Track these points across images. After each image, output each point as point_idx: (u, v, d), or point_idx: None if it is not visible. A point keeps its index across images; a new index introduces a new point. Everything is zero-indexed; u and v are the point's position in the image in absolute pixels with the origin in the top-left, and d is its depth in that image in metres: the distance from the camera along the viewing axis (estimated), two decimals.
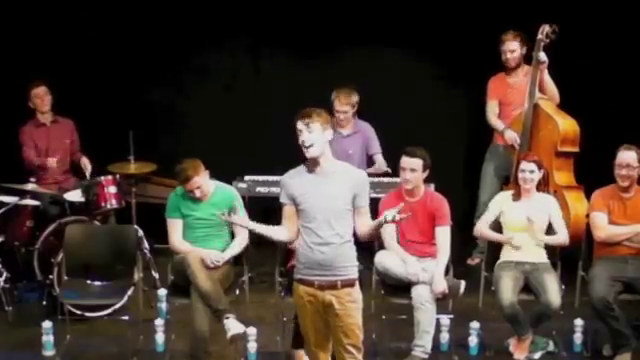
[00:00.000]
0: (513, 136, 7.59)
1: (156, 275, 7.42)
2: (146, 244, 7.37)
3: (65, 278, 6.76)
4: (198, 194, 6.51)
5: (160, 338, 6.68)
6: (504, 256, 6.65)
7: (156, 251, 7.48)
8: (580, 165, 7.48)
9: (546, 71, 7.47)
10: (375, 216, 5.52)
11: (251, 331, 6.46)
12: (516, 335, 6.53)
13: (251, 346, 6.49)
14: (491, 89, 7.92)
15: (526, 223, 6.54)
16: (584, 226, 6.81)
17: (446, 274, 6.45)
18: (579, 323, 6.64)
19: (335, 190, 5.17)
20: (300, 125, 5.14)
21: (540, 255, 6.61)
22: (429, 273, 6.35)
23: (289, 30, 8.69)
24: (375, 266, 6.50)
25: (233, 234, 6.60)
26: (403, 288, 6.42)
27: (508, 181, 7.55)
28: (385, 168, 7.60)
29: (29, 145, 7.80)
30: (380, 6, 8.64)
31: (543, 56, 7.39)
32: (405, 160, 6.42)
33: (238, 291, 6.63)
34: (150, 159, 7.84)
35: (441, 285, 6.31)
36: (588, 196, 6.81)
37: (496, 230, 6.73)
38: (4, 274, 7.19)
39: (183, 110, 8.85)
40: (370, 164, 7.74)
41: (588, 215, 6.68)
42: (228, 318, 6.24)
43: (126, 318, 6.67)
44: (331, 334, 5.27)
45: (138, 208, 7.77)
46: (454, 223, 6.57)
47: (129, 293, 6.85)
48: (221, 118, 8.69)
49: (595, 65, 8.32)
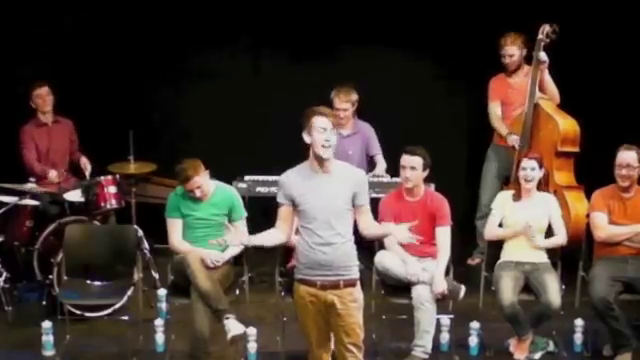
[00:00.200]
0: (515, 139, 7.57)
1: (156, 275, 7.41)
2: (146, 244, 7.36)
3: (65, 278, 6.76)
4: (198, 194, 6.51)
5: (160, 338, 6.67)
6: (504, 256, 6.65)
7: (156, 251, 7.47)
8: (580, 165, 7.48)
9: (546, 71, 7.47)
10: (375, 216, 5.52)
11: (251, 331, 6.46)
12: (516, 335, 6.52)
13: (251, 346, 6.48)
14: (492, 90, 7.91)
15: (525, 227, 6.54)
16: (584, 226, 6.81)
17: (446, 274, 6.45)
18: (579, 323, 6.64)
19: (335, 190, 5.17)
20: (326, 123, 5.12)
21: (540, 255, 6.60)
22: (429, 273, 6.35)
23: (289, 30, 8.68)
24: (375, 266, 6.50)
25: None
26: (403, 288, 6.42)
27: (508, 181, 7.54)
28: (384, 174, 7.57)
29: (29, 147, 7.79)
30: (380, 6, 8.63)
31: (543, 56, 7.38)
32: (405, 158, 6.42)
33: (238, 291, 6.62)
34: (150, 159, 7.84)
35: (441, 285, 6.31)
36: (588, 196, 6.80)
37: None
38: (4, 274, 7.18)
39: (183, 110, 8.84)
40: (371, 165, 7.73)
41: (588, 215, 6.68)
42: (228, 318, 6.23)
43: (126, 318, 6.67)
44: (332, 333, 5.27)
45: (138, 208, 7.77)
46: (454, 223, 6.56)
47: (129, 293, 6.86)
48: (221, 118, 8.67)
49: (595, 65, 8.32)
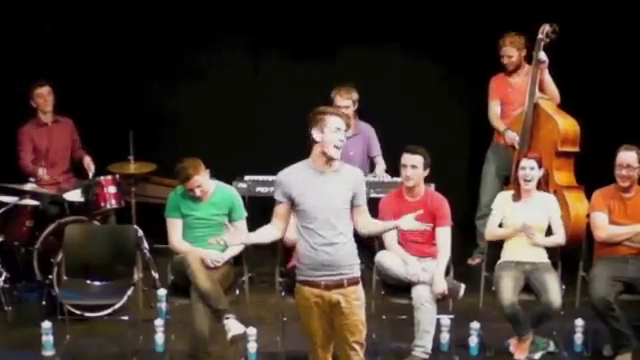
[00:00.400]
0: (513, 136, 7.59)
1: (156, 275, 7.40)
2: (146, 244, 7.35)
3: (65, 278, 6.76)
4: (198, 193, 6.50)
5: (160, 338, 6.67)
6: (504, 256, 6.64)
7: (156, 251, 7.46)
8: (580, 165, 7.48)
9: (546, 71, 7.47)
10: (375, 217, 5.51)
11: (251, 331, 6.45)
12: (516, 335, 6.52)
13: (251, 346, 6.47)
14: (492, 89, 7.91)
15: (523, 227, 6.54)
16: (584, 226, 6.80)
17: (447, 274, 6.44)
18: (580, 323, 6.63)
19: (334, 189, 5.16)
20: (340, 124, 5.13)
21: (541, 255, 6.60)
22: (429, 273, 6.34)
23: (289, 30, 8.67)
24: (375, 266, 6.49)
25: None
26: (403, 288, 6.41)
27: (509, 181, 7.53)
28: (383, 174, 7.56)
29: (26, 149, 7.77)
30: (380, 6, 8.63)
31: (543, 56, 7.38)
32: (406, 157, 6.43)
33: (238, 291, 6.62)
34: (150, 159, 7.85)
35: (441, 285, 6.30)
36: (588, 196, 6.80)
37: None
38: (4, 274, 7.18)
39: (183, 110, 8.83)
40: (372, 165, 7.72)
41: (589, 215, 6.67)
42: (228, 318, 6.23)
43: (126, 318, 6.66)
44: (335, 333, 5.26)
45: (138, 208, 7.78)
46: (455, 223, 6.56)
47: (129, 293, 6.85)
48: (221, 118, 8.67)
49: (595, 65, 8.31)
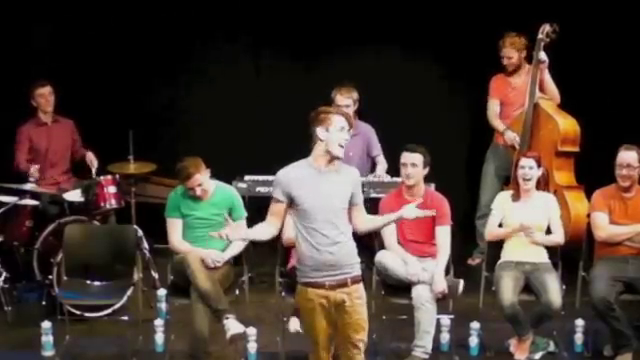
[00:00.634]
0: (513, 136, 7.59)
1: (156, 275, 7.39)
2: (146, 244, 7.34)
3: (64, 278, 6.75)
4: (199, 192, 6.49)
5: (160, 338, 6.67)
6: (505, 256, 6.64)
7: (156, 251, 7.45)
8: (581, 165, 7.47)
9: (546, 71, 7.46)
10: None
11: (251, 331, 6.45)
12: (517, 335, 6.51)
13: (251, 346, 6.47)
14: (492, 88, 7.91)
15: (521, 227, 6.54)
16: (585, 226, 6.80)
17: (447, 274, 6.44)
18: (580, 323, 6.63)
19: (335, 188, 5.16)
20: (345, 123, 5.15)
21: (541, 255, 6.60)
22: (429, 273, 6.34)
23: (289, 30, 8.67)
24: (375, 266, 6.49)
25: None
26: (403, 288, 6.41)
27: (509, 181, 7.52)
28: (384, 174, 7.56)
29: (22, 149, 7.76)
30: (380, 6, 8.63)
31: (543, 56, 7.38)
32: (406, 155, 6.44)
33: (238, 291, 6.62)
34: (150, 159, 7.85)
35: (441, 285, 6.30)
36: (589, 196, 6.80)
37: None
38: (3, 274, 7.17)
39: (183, 110, 8.84)
40: (373, 165, 7.71)
41: (589, 215, 6.67)
42: (228, 318, 6.22)
43: (126, 318, 6.66)
44: (337, 333, 5.24)
45: (138, 208, 7.77)
46: (455, 223, 6.56)
47: (128, 293, 6.85)
48: (221, 118, 8.67)
49: (595, 65, 8.31)
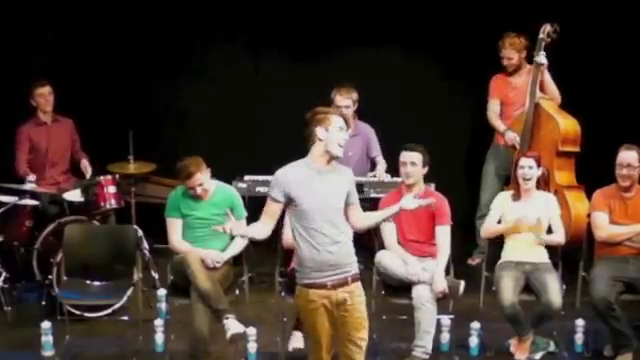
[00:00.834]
0: (513, 137, 7.58)
1: (155, 275, 7.38)
2: (145, 244, 7.34)
3: (64, 278, 6.75)
4: (199, 191, 6.48)
5: (160, 338, 6.66)
6: (505, 256, 6.63)
7: (156, 251, 7.45)
8: (581, 165, 7.47)
9: (547, 72, 7.46)
10: None
11: (251, 331, 6.44)
12: (517, 335, 6.51)
13: (251, 346, 6.46)
14: (493, 88, 7.90)
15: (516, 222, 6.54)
16: (585, 226, 6.79)
17: (447, 274, 6.44)
18: (580, 323, 6.62)
19: (333, 188, 5.15)
20: (343, 123, 5.16)
21: (541, 255, 6.59)
22: (429, 273, 6.33)
23: (288, 30, 8.67)
24: (375, 266, 6.49)
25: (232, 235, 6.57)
26: (404, 288, 6.40)
27: (509, 181, 7.51)
28: (383, 174, 7.55)
29: (22, 149, 7.75)
30: (380, 6, 8.63)
31: (542, 59, 7.38)
32: (405, 154, 6.44)
33: (238, 291, 6.61)
34: (149, 159, 7.84)
35: (441, 285, 6.29)
36: (589, 196, 6.80)
37: None
38: (3, 274, 7.17)
39: (183, 110, 8.84)
40: (372, 166, 7.70)
41: (589, 215, 6.66)
42: (228, 318, 6.22)
43: (125, 318, 6.66)
44: (337, 332, 5.22)
45: (137, 208, 7.77)
46: (455, 223, 6.56)
47: (128, 293, 6.85)
48: (221, 118, 8.67)
49: (595, 65, 8.31)
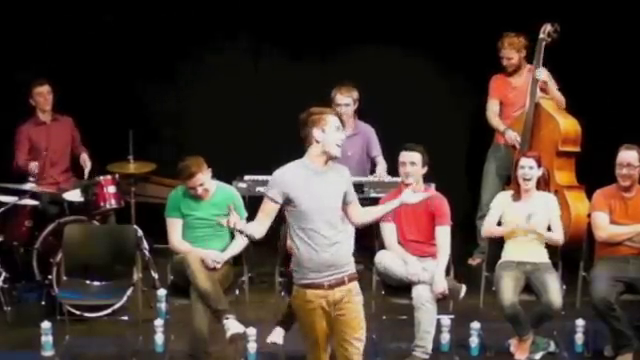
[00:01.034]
0: (514, 136, 7.58)
1: (155, 275, 7.38)
2: (145, 244, 7.33)
3: (64, 278, 6.75)
4: (200, 191, 6.47)
5: (159, 338, 6.66)
6: (505, 256, 6.63)
7: (155, 251, 7.45)
8: (581, 165, 7.46)
9: (550, 81, 7.45)
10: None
11: (251, 331, 6.44)
12: (517, 335, 6.50)
13: (251, 346, 6.46)
14: (493, 88, 7.89)
15: (527, 224, 6.54)
16: (585, 226, 6.79)
17: (447, 274, 6.43)
18: (580, 323, 6.62)
19: (330, 188, 5.13)
20: (339, 123, 5.15)
21: (541, 255, 6.59)
22: (429, 273, 6.33)
23: (289, 29, 8.67)
24: (375, 266, 6.49)
25: (233, 234, 6.57)
26: (404, 288, 6.40)
27: (509, 181, 7.52)
28: (384, 174, 7.55)
29: (22, 148, 7.75)
30: (380, 5, 8.62)
31: (539, 74, 7.37)
32: (404, 154, 6.44)
33: (238, 291, 6.61)
34: (149, 159, 7.84)
35: (441, 285, 6.29)
36: (589, 196, 6.79)
37: None
38: (3, 274, 7.17)
39: (182, 109, 8.84)
40: (372, 166, 7.70)
41: (589, 215, 6.66)
42: (228, 318, 6.22)
43: (125, 318, 6.66)
44: (334, 332, 5.21)
45: (137, 208, 7.77)
46: (455, 223, 6.55)
47: (128, 293, 6.84)
48: (221, 118, 8.66)
49: (595, 65, 8.31)
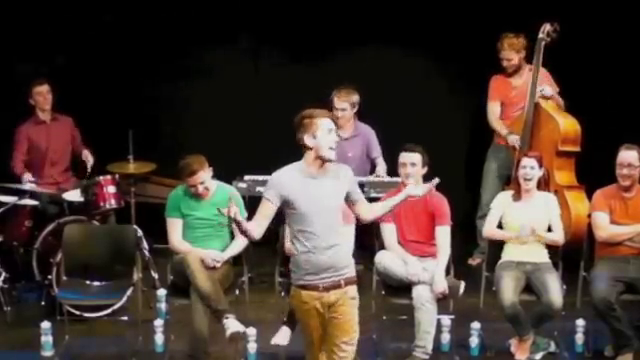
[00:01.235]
0: (516, 139, 7.55)
1: (155, 275, 7.37)
2: (145, 244, 7.34)
3: (64, 278, 6.75)
4: (201, 190, 6.46)
5: (159, 339, 6.66)
6: (505, 256, 6.62)
7: (155, 251, 7.45)
8: (581, 165, 7.46)
9: (553, 91, 7.49)
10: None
11: (251, 332, 6.44)
12: (517, 335, 6.50)
13: (251, 347, 6.46)
14: (492, 89, 7.87)
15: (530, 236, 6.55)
16: (585, 226, 6.78)
17: (447, 274, 6.43)
18: (580, 323, 6.62)
19: (329, 191, 5.11)
20: (331, 124, 5.11)
21: (542, 255, 6.59)
22: (429, 273, 6.33)
23: (289, 29, 8.67)
24: (375, 266, 6.48)
25: (233, 234, 6.57)
26: (404, 288, 6.40)
27: (509, 181, 7.51)
28: (384, 174, 7.55)
29: (20, 148, 7.75)
30: (380, 6, 8.62)
31: (545, 91, 7.40)
32: (405, 155, 6.43)
33: (238, 291, 6.61)
34: (149, 159, 7.84)
35: (441, 285, 6.28)
36: (589, 196, 6.79)
37: None
38: (3, 274, 7.17)
39: (182, 109, 8.84)
40: (372, 167, 7.70)
41: (590, 215, 6.65)
42: (228, 318, 6.21)
43: (125, 318, 6.66)
44: (326, 335, 5.18)
45: (137, 208, 7.77)
46: (455, 223, 6.55)
47: (128, 293, 6.84)
48: (221, 118, 8.66)
49: (595, 65, 8.30)
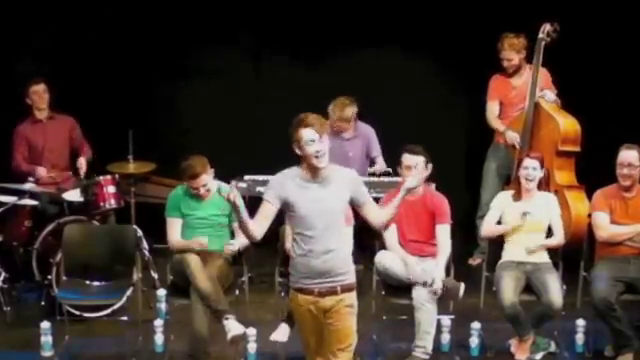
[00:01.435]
0: (514, 136, 7.56)
1: (155, 275, 7.37)
2: (145, 244, 7.34)
3: (64, 278, 6.74)
4: (202, 192, 6.46)
5: (159, 339, 6.66)
6: (505, 256, 6.62)
7: (155, 251, 7.44)
8: (581, 165, 7.46)
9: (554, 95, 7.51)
10: None
11: (251, 332, 6.44)
12: (517, 336, 6.50)
13: (251, 347, 6.46)
14: (492, 88, 7.86)
15: (521, 221, 6.54)
16: (585, 226, 6.79)
17: (447, 274, 6.42)
18: (581, 323, 6.61)
19: (329, 195, 5.05)
20: (312, 134, 4.98)
21: (542, 255, 6.58)
22: (429, 274, 6.32)
23: (290, 31, 8.67)
24: (375, 266, 6.48)
25: (233, 234, 6.57)
26: (404, 288, 6.39)
27: (509, 180, 7.51)
28: (385, 168, 7.55)
29: (19, 149, 7.74)
30: (380, 7, 8.62)
31: (548, 97, 7.40)
32: (408, 157, 6.39)
33: (238, 291, 6.61)
34: (149, 159, 7.84)
35: (437, 285, 6.25)
36: (589, 196, 6.78)
37: None
38: (2, 274, 7.17)
39: (183, 110, 8.84)
40: (372, 166, 7.70)
41: (590, 215, 6.65)
42: (228, 319, 6.21)
43: (125, 318, 6.65)
44: (321, 341, 5.15)
45: (137, 208, 7.76)
46: (455, 223, 6.55)
47: (128, 293, 6.83)
48: (221, 118, 8.66)
49: (595, 65, 8.30)
